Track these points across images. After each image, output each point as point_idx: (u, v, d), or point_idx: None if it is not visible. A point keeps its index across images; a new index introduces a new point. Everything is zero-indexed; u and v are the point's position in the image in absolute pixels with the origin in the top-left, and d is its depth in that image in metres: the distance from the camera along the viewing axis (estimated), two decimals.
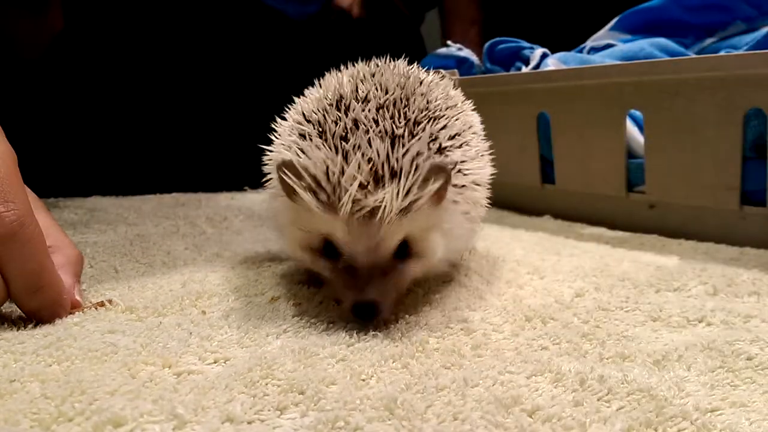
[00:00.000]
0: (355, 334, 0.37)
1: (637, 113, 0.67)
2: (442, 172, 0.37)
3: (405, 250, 0.38)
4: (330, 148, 0.37)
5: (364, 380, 0.32)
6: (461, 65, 0.90)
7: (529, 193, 0.78)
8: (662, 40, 0.83)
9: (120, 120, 0.98)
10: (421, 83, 0.45)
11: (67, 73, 0.94)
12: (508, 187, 0.74)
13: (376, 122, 0.39)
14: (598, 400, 0.30)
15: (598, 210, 0.70)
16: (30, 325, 0.38)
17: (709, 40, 0.87)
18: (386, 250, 0.37)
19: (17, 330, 0.37)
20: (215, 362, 0.34)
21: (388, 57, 0.49)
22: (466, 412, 0.28)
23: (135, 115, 0.98)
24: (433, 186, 0.36)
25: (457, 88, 0.52)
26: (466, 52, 0.91)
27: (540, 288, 0.48)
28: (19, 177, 0.37)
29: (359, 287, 0.37)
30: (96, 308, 0.41)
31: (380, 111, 0.40)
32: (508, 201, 0.79)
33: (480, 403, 0.29)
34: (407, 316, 0.41)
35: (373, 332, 0.37)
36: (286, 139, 0.42)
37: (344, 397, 0.29)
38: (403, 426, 0.27)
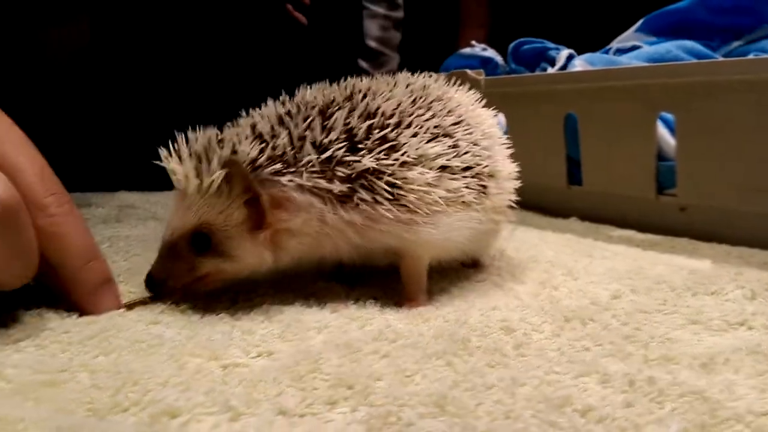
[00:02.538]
0: (396, 331, 0.37)
1: (668, 115, 0.67)
2: (233, 165, 0.38)
3: (205, 246, 0.40)
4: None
5: (409, 377, 0.32)
6: (485, 65, 0.90)
7: (555, 194, 0.77)
8: (689, 43, 0.83)
9: (145, 119, 0.99)
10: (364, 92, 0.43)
11: (95, 76, 0.96)
12: (533, 188, 0.73)
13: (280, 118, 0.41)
14: (650, 401, 0.29)
15: (626, 212, 0.69)
16: (74, 315, 0.38)
17: (735, 43, 0.86)
18: (178, 229, 0.40)
19: (61, 319, 0.37)
20: (259, 356, 0.34)
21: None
22: (518, 411, 0.28)
23: (160, 114, 0.99)
24: (219, 175, 0.38)
25: (467, 88, 0.51)
26: (491, 52, 0.91)
27: (575, 289, 0.48)
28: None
29: (156, 260, 0.41)
30: (135, 306, 0.41)
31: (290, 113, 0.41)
32: (533, 202, 0.79)
33: (530, 402, 0.29)
34: (446, 314, 0.41)
35: (417, 330, 0.37)
36: None
37: (393, 393, 0.29)
38: (455, 423, 0.27)
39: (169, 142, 0.41)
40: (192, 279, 0.40)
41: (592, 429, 0.27)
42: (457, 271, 0.51)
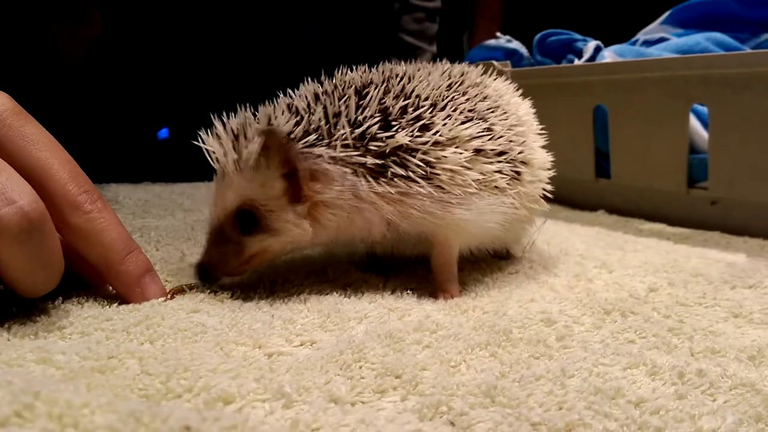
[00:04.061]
0: (436, 322, 0.37)
1: (700, 108, 0.66)
2: (270, 136, 0.38)
3: (251, 224, 0.40)
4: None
5: (453, 367, 0.32)
6: (510, 57, 0.90)
7: (582, 187, 0.77)
8: (718, 35, 0.82)
9: (166, 111, 0.99)
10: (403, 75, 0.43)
11: (112, 68, 0.96)
12: (559, 180, 0.72)
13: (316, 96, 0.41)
14: (702, 393, 0.29)
15: (655, 205, 0.69)
16: (114, 304, 0.38)
17: (765, 36, 0.85)
18: (222, 211, 0.40)
19: (102, 307, 0.38)
20: (302, 344, 0.34)
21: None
22: (571, 402, 0.28)
23: (181, 107, 0.99)
24: (256, 147, 0.38)
25: (507, 80, 0.51)
26: (516, 44, 0.90)
27: (611, 282, 0.47)
28: None
29: (204, 248, 0.41)
30: (175, 295, 0.41)
31: (327, 93, 0.41)
32: (560, 195, 0.77)
33: (582, 394, 0.28)
34: (484, 305, 0.41)
35: (457, 321, 0.37)
36: None
37: (440, 383, 0.29)
38: (508, 413, 0.27)
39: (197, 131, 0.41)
40: (241, 261, 0.41)
41: (648, 420, 0.26)
42: (490, 263, 0.51)
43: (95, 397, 0.23)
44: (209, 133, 0.40)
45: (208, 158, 0.41)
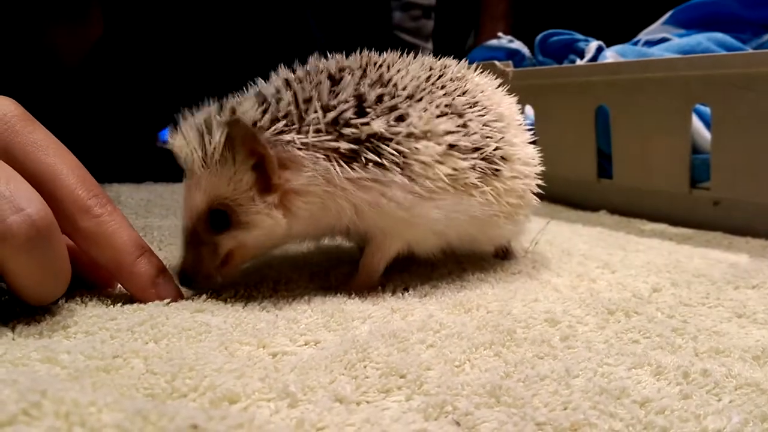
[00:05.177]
0: (440, 322, 0.37)
1: (702, 108, 0.66)
2: (233, 127, 0.37)
3: (223, 222, 0.39)
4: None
5: (458, 366, 0.32)
6: (512, 57, 0.90)
7: (584, 187, 0.77)
8: (719, 35, 0.82)
9: (168, 111, 0.99)
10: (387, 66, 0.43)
11: (114, 68, 0.96)
12: (561, 181, 0.72)
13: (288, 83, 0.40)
14: (707, 393, 0.29)
15: (657, 206, 0.69)
16: (118, 303, 0.38)
17: (767, 36, 0.85)
18: (194, 212, 0.39)
19: (106, 307, 0.38)
20: (306, 344, 0.34)
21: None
22: (576, 402, 0.28)
23: (183, 107, 0.99)
24: (220, 141, 0.37)
25: (504, 80, 0.51)
26: (517, 44, 0.90)
27: (614, 282, 0.47)
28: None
29: (181, 252, 0.41)
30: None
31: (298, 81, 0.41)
32: (561, 195, 0.78)
33: (587, 394, 0.28)
34: (488, 305, 0.41)
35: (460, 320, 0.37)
36: None
37: (445, 382, 0.29)
38: (513, 413, 0.27)
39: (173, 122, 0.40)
40: (218, 261, 0.40)
41: (653, 420, 0.26)
42: (493, 263, 0.51)
43: (102, 396, 0.23)
44: (175, 131, 0.39)
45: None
